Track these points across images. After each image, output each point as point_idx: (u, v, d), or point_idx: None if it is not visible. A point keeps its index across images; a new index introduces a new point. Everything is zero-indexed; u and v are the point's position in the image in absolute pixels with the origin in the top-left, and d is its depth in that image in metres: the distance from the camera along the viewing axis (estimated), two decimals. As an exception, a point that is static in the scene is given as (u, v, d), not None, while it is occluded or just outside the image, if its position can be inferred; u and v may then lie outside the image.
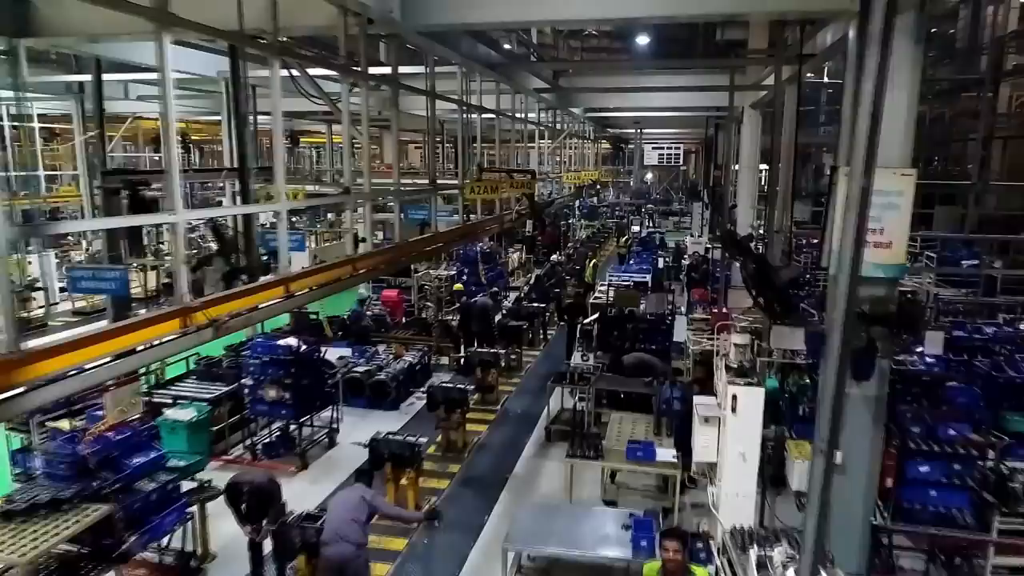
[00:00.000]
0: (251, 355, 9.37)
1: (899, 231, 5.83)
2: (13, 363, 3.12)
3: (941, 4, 15.47)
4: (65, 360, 3.42)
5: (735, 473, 6.58)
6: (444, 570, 7.17)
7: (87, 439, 6.15)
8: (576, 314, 13.26)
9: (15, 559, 5.14)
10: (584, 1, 6.48)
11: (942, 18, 21.36)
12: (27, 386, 3.10)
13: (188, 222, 7.88)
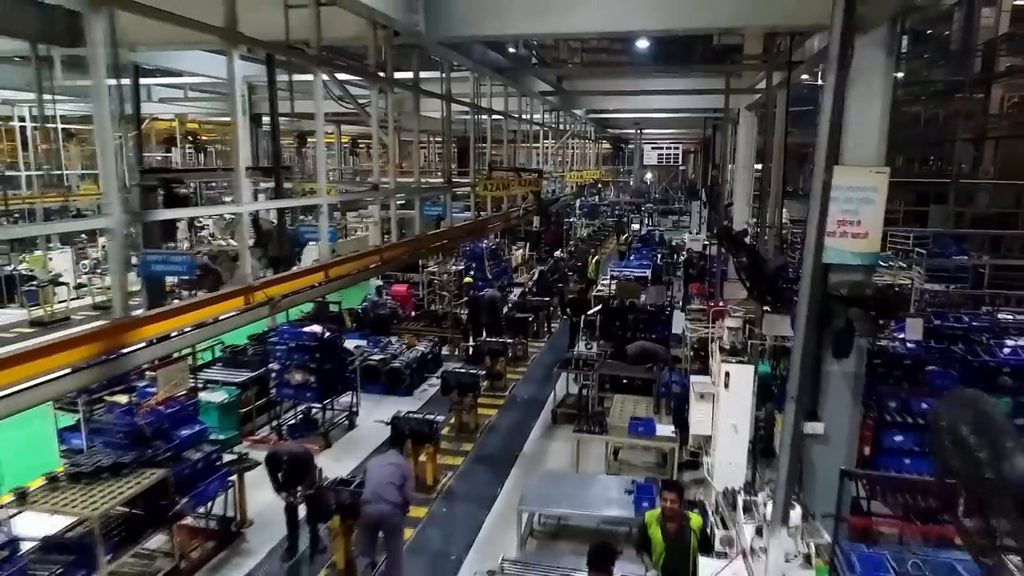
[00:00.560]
0: (278, 341, 10.02)
1: (874, 223, 6.48)
2: (126, 326, 3.79)
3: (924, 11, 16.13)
4: (161, 327, 4.09)
5: (728, 443, 7.24)
6: (462, 535, 7.83)
7: (143, 411, 6.82)
8: (579, 308, 13.89)
9: (88, 513, 5.80)
10: (588, 16, 7.13)
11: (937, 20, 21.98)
12: (144, 343, 3.76)
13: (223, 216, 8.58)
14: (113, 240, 3.79)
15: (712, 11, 6.62)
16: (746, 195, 16.43)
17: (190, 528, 7.44)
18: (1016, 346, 9.36)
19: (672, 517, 5.20)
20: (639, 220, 32.92)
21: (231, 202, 5.03)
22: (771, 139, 11.24)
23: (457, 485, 9.00)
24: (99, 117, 4.01)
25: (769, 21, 6.82)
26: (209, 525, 7.56)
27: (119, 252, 3.83)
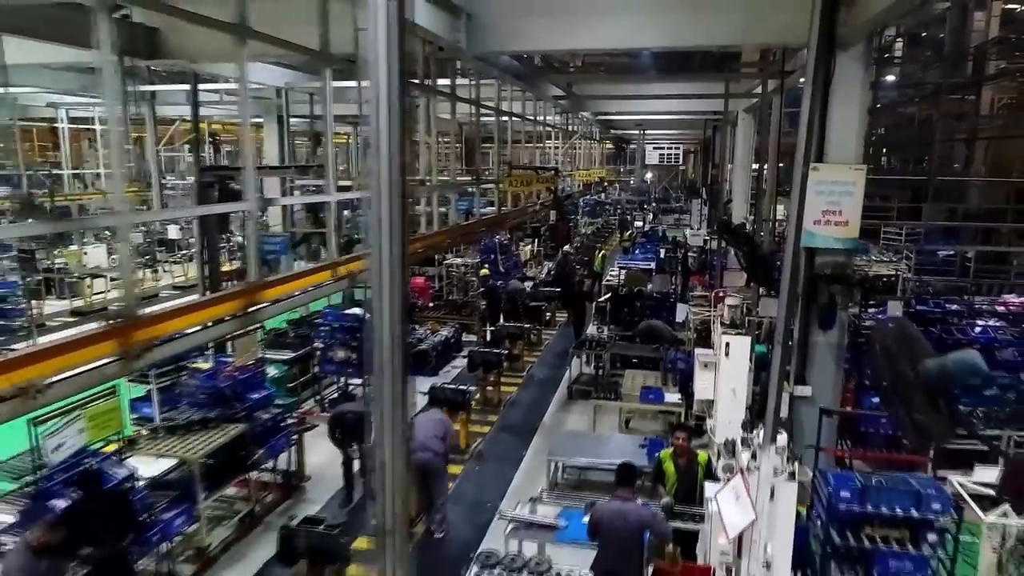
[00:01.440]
0: (323, 322, 11.11)
1: (853, 213, 7.53)
2: (259, 287, 4.87)
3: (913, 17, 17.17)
4: (280, 290, 5.18)
5: (727, 405, 8.28)
6: (495, 487, 8.91)
7: (224, 375, 7.90)
8: (583, 301, 14.88)
9: (190, 456, 6.88)
10: (605, 34, 8.18)
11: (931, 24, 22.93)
12: (267, 303, 4.85)
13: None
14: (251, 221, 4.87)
15: (711, 31, 7.70)
16: (744, 193, 17.52)
17: (258, 481, 8.52)
18: (986, 326, 10.46)
19: (682, 453, 6.30)
20: (642, 218, 34.04)
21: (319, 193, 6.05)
22: (767, 140, 12.35)
23: (486, 448, 10.09)
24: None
25: (761, 40, 7.91)
26: (275, 479, 8.63)
27: (254, 234, 4.92)
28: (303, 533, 6.05)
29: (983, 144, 20.87)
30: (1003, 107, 22.38)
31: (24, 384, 3.13)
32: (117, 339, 3.68)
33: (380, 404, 1.95)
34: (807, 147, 4.85)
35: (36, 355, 3.26)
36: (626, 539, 5.38)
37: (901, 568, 5.32)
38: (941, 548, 5.28)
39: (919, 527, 5.26)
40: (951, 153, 22.96)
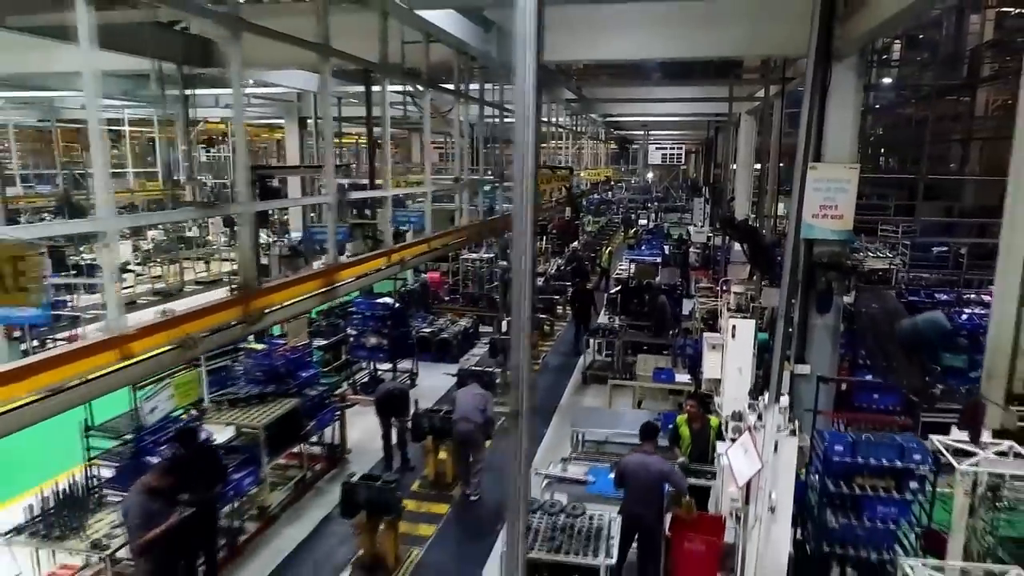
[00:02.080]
0: (356, 311, 11.94)
1: (848, 207, 8.33)
2: (338, 268, 5.70)
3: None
4: (353, 271, 6.01)
5: (734, 383, 9.12)
6: (520, 460, 9.72)
7: (277, 355, 8.73)
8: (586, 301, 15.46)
9: (255, 424, 7.70)
10: (620, 46, 8.99)
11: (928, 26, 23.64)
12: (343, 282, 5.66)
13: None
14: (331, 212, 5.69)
15: (718, 43, 8.53)
16: (746, 191, 18.35)
17: (307, 452, 9.33)
18: (971, 314, 11.29)
19: (695, 418, 7.13)
20: (646, 216, 34.91)
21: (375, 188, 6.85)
22: (768, 141, 13.18)
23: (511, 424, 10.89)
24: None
25: (764, 51, 8.74)
26: (322, 451, 9.45)
27: (333, 223, 5.74)
28: (363, 487, 6.87)
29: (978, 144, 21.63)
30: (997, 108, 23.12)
31: (184, 338, 3.96)
32: (241, 306, 4.51)
33: (517, 327, 2.72)
34: (806, 148, 5.68)
35: (188, 315, 4.08)
36: (648, 487, 6.21)
37: (887, 513, 6.16)
38: (921, 494, 6.11)
39: (903, 476, 6.10)
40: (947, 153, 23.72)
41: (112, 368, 3.54)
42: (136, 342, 3.60)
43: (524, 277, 2.59)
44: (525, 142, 2.48)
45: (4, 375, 2.98)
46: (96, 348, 3.42)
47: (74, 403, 3.36)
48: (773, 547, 6.03)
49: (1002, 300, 4.72)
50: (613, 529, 6.00)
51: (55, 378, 3.18)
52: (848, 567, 6.43)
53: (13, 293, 2.30)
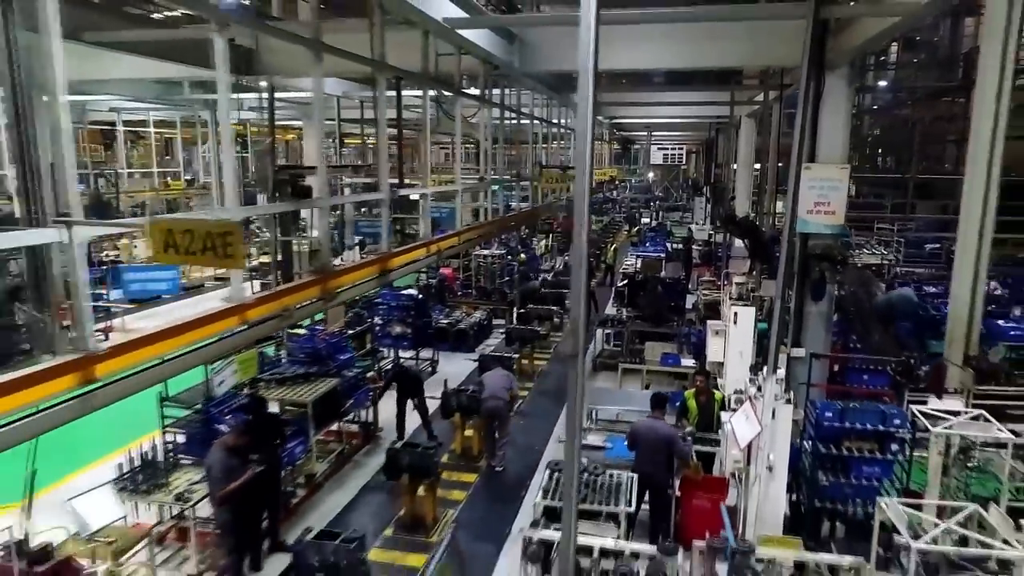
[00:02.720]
0: (382, 301, 12.77)
1: (839, 204, 9.12)
2: (389, 256, 6.52)
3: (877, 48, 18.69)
4: (403, 258, 6.83)
5: (735, 365, 9.94)
6: (539, 437, 10.56)
7: (319, 338, 9.56)
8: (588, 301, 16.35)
9: (305, 399, 8.52)
10: (632, 56, 9.78)
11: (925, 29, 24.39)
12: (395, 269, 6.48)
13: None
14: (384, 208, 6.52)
15: (721, 55, 9.35)
16: (747, 190, 19.18)
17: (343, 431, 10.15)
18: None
19: (702, 392, 7.97)
20: (648, 215, 35.76)
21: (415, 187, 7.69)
22: (768, 142, 14.01)
23: (527, 408, 11.75)
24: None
25: (763, 62, 9.56)
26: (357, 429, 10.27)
27: (387, 217, 6.56)
28: (405, 453, 7.70)
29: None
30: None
31: (282, 309, 4.79)
32: (320, 285, 5.34)
33: (576, 294, 3.51)
34: (799, 150, 6.50)
35: (285, 291, 4.91)
36: (655, 448, 7.06)
37: (872, 472, 7.00)
38: (901, 455, 6.94)
39: (884, 439, 6.94)
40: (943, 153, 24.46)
41: (234, 331, 4.37)
42: (252, 310, 4.43)
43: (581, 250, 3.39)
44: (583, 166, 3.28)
45: (155, 335, 3.79)
46: (224, 314, 4.25)
47: (208, 359, 4.19)
48: (771, 502, 6.86)
49: (960, 278, 5.55)
50: (630, 485, 6.82)
51: (199, 335, 4.01)
52: (837, 521, 7.27)
53: (223, 258, 3.10)
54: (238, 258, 3.13)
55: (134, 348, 3.40)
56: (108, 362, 3.26)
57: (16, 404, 2.95)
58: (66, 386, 3.14)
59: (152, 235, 3.12)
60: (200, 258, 3.08)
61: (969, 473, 6.84)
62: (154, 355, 3.59)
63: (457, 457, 9.79)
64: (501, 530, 7.92)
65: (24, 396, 2.98)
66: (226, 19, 4.20)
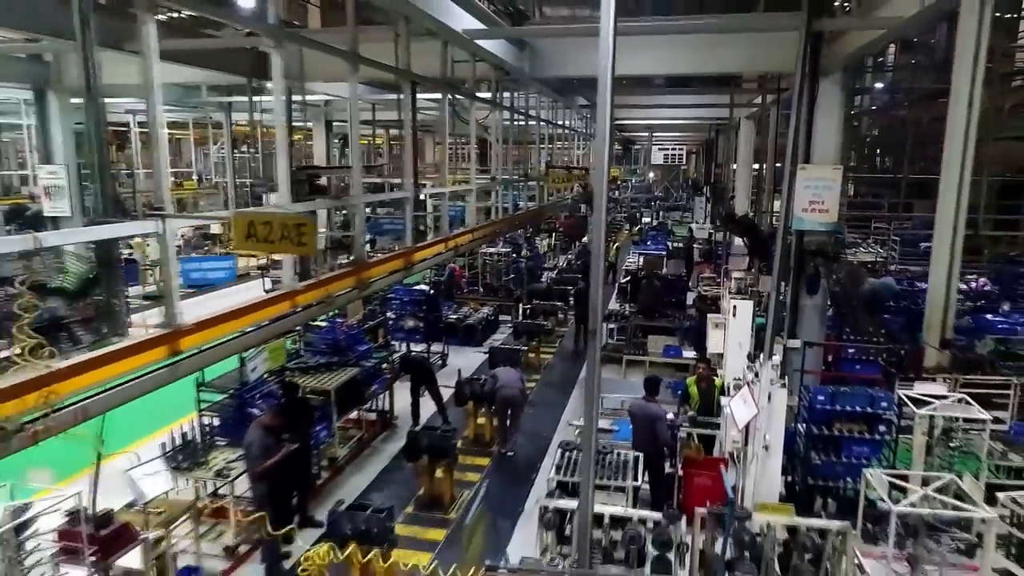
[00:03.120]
0: (395, 296, 13.28)
1: (832, 202, 9.60)
2: (415, 250, 7.04)
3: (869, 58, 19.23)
4: (426, 252, 7.35)
5: (734, 356, 10.45)
6: (547, 425, 11.08)
7: (342, 328, 10.08)
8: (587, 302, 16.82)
9: (328, 387, 9.04)
10: (636, 63, 10.29)
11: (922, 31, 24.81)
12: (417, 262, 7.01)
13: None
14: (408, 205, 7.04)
15: (722, 61, 9.88)
16: (746, 189, 19.71)
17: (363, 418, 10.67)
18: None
19: (704, 378, 8.49)
20: (649, 214, 36.32)
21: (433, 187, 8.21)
22: (766, 143, 14.54)
23: (535, 398, 12.28)
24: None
25: (761, 68, 10.08)
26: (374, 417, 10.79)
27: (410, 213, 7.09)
28: (425, 435, 8.22)
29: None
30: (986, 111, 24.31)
31: (325, 295, 5.31)
32: (355, 276, 5.86)
33: (595, 278, 4.02)
34: (795, 152, 7.02)
35: (328, 280, 5.43)
36: (644, 427, 7.68)
37: (861, 451, 7.52)
38: (888, 435, 7.45)
39: (873, 421, 7.46)
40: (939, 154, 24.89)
41: (286, 313, 4.89)
42: (301, 296, 4.95)
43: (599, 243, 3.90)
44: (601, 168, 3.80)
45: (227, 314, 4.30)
46: (279, 298, 4.77)
47: (267, 338, 4.71)
48: (767, 479, 7.38)
49: (936, 267, 6.08)
50: (636, 463, 7.36)
51: (260, 316, 4.53)
52: (829, 498, 7.78)
53: (297, 246, 3.61)
54: (311, 246, 3.65)
55: (211, 325, 3.92)
56: (191, 336, 3.78)
57: (118, 372, 3.47)
58: (158, 356, 3.65)
59: (236, 225, 3.64)
60: (277, 246, 3.60)
61: (951, 452, 7.36)
62: (227, 332, 4.12)
63: (470, 443, 10.30)
64: (515, 508, 8.43)
65: (124, 365, 3.51)
66: (281, 36, 4.71)
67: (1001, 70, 20.91)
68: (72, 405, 3.08)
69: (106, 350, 3.29)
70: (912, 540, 5.51)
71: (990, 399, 9.16)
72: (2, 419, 2.71)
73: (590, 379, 4.08)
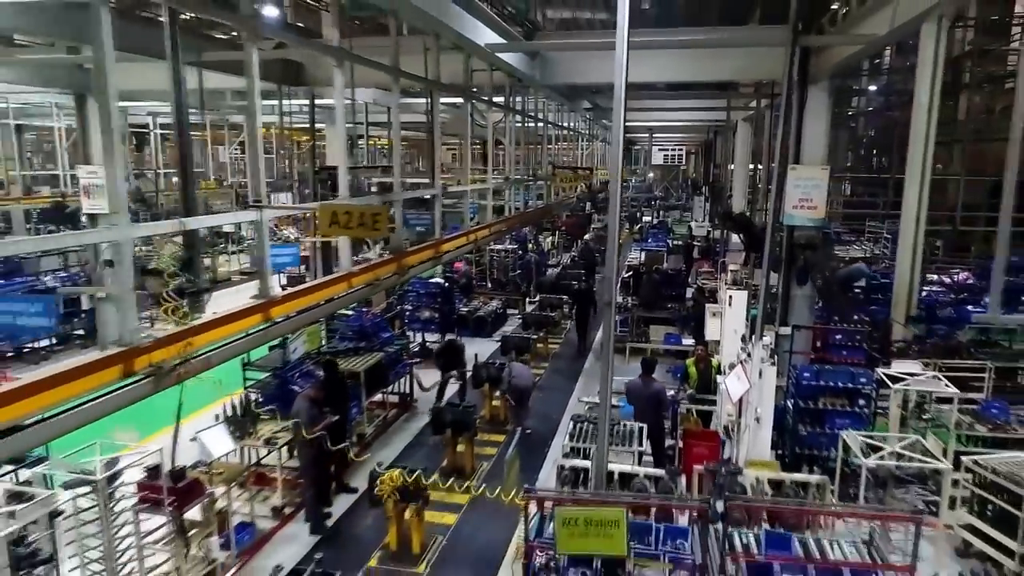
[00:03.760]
0: (412, 289, 14.12)
1: (820, 200, 10.35)
2: (441, 241, 7.88)
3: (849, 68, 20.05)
4: (450, 245, 8.19)
5: (731, 342, 11.29)
6: (556, 407, 11.92)
7: (368, 316, 10.91)
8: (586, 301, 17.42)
9: (358, 368, 9.86)
10: (639, 70, 11.19)
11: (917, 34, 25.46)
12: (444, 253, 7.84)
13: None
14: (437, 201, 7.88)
15: (719, 70, 10.73)
16: (743, 188, 20.57)
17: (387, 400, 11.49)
18: (929, 290, 13.50)
19: (702, 359, 9.33)
20: (650, 213, 37.21)
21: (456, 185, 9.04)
22: (762, 144, 15.39)
23: (544, 383, 13.12)
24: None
25: (756, 77, 10.92)
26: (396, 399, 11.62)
27: (439, 209, 7.92)
28: (448, 411, 9.05)
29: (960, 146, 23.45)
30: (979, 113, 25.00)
31: (374, 279, 6.15)
32: (396, 263, 6.69)
33: (610, 255, 4.82)
34: (784, 153, 7.85)
35: (375, 264, 6.27)
36: (645, 403, 8.50)
37: (843, 423, 8.36)
38: (867, 408, 8.30)
39: (854, 395, 8.30)
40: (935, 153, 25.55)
41: (342, 294, 5.73)
42: (355, 277, 5.79)
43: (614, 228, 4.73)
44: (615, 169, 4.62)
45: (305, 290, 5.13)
46: (337, 280, 5.61)
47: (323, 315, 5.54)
48: (758, 447, 8.23)
49: (902, 254, 6.93)
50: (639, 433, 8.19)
51: (328, 293, 5.36)
52: (815, 466, 8.62)
53: (371, 230, 4.42)
54: (382, 230, 4.47)
55: (296, 297, 4.75)
56: (281, 306, 4.61)
57: (227, 333, 4.31)
58: (255, 322, 4.49)
59: (322, 214, 4.46)
60: (355, 230, 4.42)
61: (924, 423, 8.21)
62: (301, 305, 4.96)
63: (486, 422, 11.13)
64: (531, 477, 9.26)
65: (232, 327, 4.34)
66: (343, 56, 5.54)
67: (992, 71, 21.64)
68: (202, 355, 3.88)
69: (223, 313, 4.11)
70: (882, 491, 6.35)
71: (969, 382, 10.05)
72: (159, 362, 3.53)
73: (607, 345, 4.91)
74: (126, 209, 3.83)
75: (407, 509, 7.31)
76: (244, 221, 4.53)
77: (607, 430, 5.10)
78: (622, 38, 4.57)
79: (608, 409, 5.04)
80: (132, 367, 3.52)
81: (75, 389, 3.19)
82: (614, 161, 4.60)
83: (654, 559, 4.63)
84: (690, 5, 11.86)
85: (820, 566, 4.47)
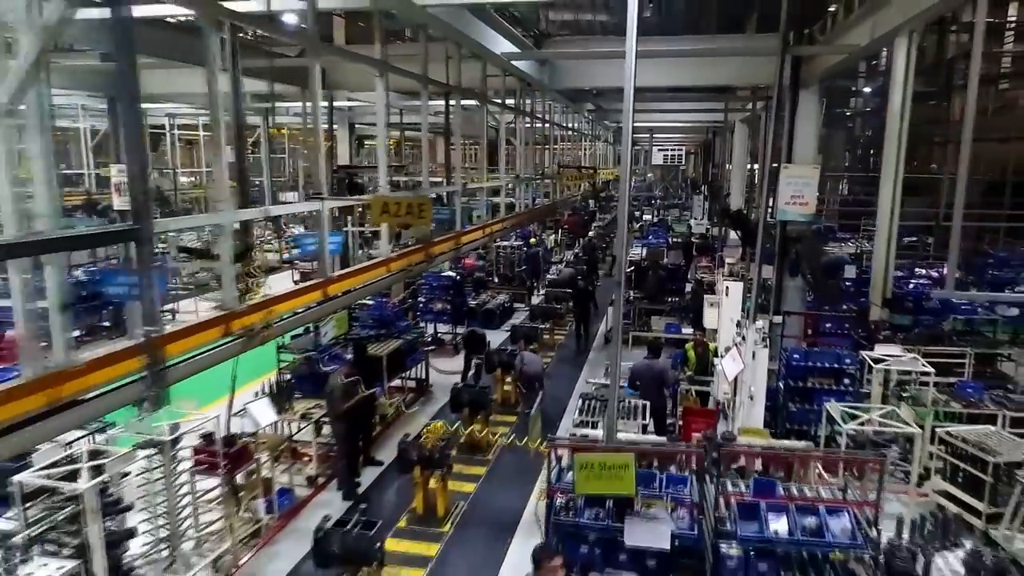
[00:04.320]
0: (425, 282, 14.87)
1: (811, 197, 11.15)
2: (463, 233, 8.63)
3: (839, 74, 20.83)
4: (470, 236, 8.93)
5: (727, 330, 12.05)
6: (564, 391, 12.67)
7: (389, 305, 11.66)
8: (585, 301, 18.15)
9: (380, 353, 10.60)
10: (645, 76, 11.92)
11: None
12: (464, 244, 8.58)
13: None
14: (456, 197, 8.62)
15: (716, 75, 11.49)
16: (740, 187, 21.32)
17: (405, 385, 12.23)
18: (917, 284, 14.25)
19: (700, 344, 10.09)
20: (650, 212, 37.99)
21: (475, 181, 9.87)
22: (759, 144, 16.13)
23: (552, 370, 13.86)
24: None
25: (751, 81, 11.67)
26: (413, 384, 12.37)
27: (459, 205, 8.66)
28: (465, 391, 9.80)
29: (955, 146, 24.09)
30: (975, 113, 25.63)
31: (408, 264, 6.89)
32: (424, 252, 7.44)
33: (620, 238, 5.55)
34: (777, 153, 8.59)
35: (408, 252, 7.01)
36: (650, 381, 9.22)
37: (830, 400, 9.09)
38: (851, 387, 9.04)
39: (839, 375, 9.04)
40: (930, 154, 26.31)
41: (379, 278, 6.48)
42: (393, 263, 6.54)
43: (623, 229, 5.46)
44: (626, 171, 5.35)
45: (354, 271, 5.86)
46: (379, 264, 6.36)
47: (368, 294, 6.29)
48: (752, 422, 8.98)
49: (879, 243, 7.68)
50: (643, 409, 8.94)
51: (370, 276, 6.10)
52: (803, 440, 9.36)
53: (418, 219, 5.15)
54: (427, 219, 5.21)
55: (346, 278, 5.49)
56: (336, 284, 5.35)
57: (296, 304, 5.06)
58: (315, 298, 5.24)
59: (374, 205, 5.19)
60: (404, 219, 5.15)
61: (903, 401, 8.96)
62: (350, 285, 5.71)
63: (498, 405, 11.87)
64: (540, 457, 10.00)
65: (297, 302, 5.09)
66: (386, 67, 6.28)
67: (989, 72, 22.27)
68: (280, 321, 4.62)
69: (293, 288, 4.85)
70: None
71: (952, 368, 10.81)
72: (250, 325, 4.27)
73: (617, 318, 5.64)
74: (228, 197, 4.57)
75: (432, 477, 8.06)
76: (309, 210, 5.25)
77: (616, 397, 5.84)
78: (631, 48, 5.28)
79: (618, 376, 5.78)
80: (230, 328, 4.27)
81: (200, 340, 3.93)
82: (624, 165, 5.31)
83: (658, 499, 5.37)
84: (690, 13, 12.58)
85: (799, 503, 5.22)
